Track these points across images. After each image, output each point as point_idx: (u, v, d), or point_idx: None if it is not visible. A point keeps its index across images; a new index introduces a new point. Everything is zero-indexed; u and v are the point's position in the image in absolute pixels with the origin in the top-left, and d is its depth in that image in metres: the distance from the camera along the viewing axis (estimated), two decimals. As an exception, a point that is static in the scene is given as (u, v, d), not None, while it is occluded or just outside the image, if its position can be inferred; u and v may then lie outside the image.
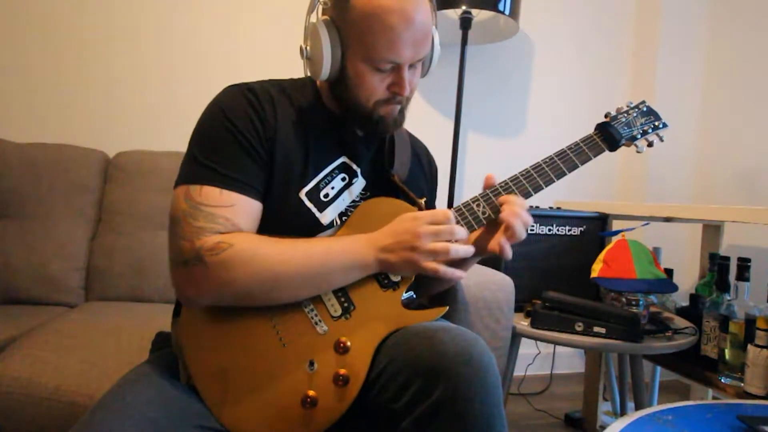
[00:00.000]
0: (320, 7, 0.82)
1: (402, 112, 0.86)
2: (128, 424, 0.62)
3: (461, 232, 0.78)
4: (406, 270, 0.78)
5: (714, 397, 1.68)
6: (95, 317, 1.30)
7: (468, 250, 0.78)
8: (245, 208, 0.77)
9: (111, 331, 1.16)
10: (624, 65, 2.40)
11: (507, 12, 1.86)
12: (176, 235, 0.74)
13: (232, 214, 0.75)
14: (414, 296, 0.92)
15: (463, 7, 1.85)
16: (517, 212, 0.80)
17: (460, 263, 0.83)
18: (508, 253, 0.80)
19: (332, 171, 0.86)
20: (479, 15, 1.96)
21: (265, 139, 0.80)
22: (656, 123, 0.98)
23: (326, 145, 0.86)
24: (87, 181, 1.61)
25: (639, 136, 0.96)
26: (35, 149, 1.60)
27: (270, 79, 0.88)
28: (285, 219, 0.81)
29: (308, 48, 0.82)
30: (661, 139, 0.99)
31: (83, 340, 1.10)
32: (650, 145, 0.98)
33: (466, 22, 1.90)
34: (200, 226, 0.73)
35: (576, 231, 1.59)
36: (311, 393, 0.73)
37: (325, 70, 0.79)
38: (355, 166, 0.88)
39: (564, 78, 2.34)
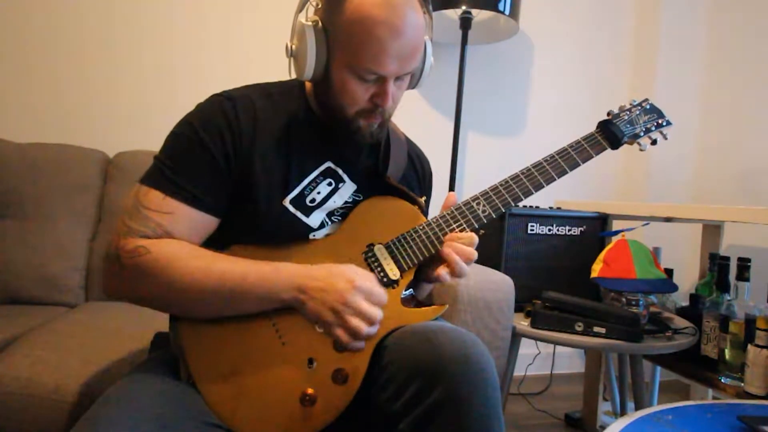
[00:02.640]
0: (310, 8, 0.81)
1: (382, 125, 0.84)
2: (135, 418, 0.62)
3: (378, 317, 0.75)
4: (315, 321, 0.75)
5: (714, 397, 1.68)
6: (95, 317, 1.30)
7: (372, 331, 0.75)
8: (185, 219, 0.76)
9: (111, 331, 1.16)
10: (624, 65, 2.40)
11: (507, 12, 1.86)
12: (113, 228, 0.76)
13: (167, 221, 0.75)
14: (414, 293, 0.92)
15: (463, 7, 1.85)
16: (459, 248, 0.80)
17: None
18: (446, 278, 0.81)
19: (316, 177, 0.85)
20: (479, 15, 1.96)
21: (234, 154, 0.79)
22: (660, 121, 0.97)
23: (310, 150, 0.85)
24: (87, 181, 1.61)
25: (642, 134, 0.96)
26: (35, 149, 1.59)
27: (258, 84, 0.87)
28: (273, 226, 0.81)
29: (293, 47, 0.81)
30: (665, 137, 0.98)
31: (83, 340, 1.10)
32: (654, 143, 0.97)
33: (466, 22, 1.90)
34: (130, 226, 0.74)
35: (576, 231, 1.60)
36: (310, 391, 0.73)
37: (309, 70, 0.78)
38: (341, 171, 0.87)
39: (564, 78, 2.34)
